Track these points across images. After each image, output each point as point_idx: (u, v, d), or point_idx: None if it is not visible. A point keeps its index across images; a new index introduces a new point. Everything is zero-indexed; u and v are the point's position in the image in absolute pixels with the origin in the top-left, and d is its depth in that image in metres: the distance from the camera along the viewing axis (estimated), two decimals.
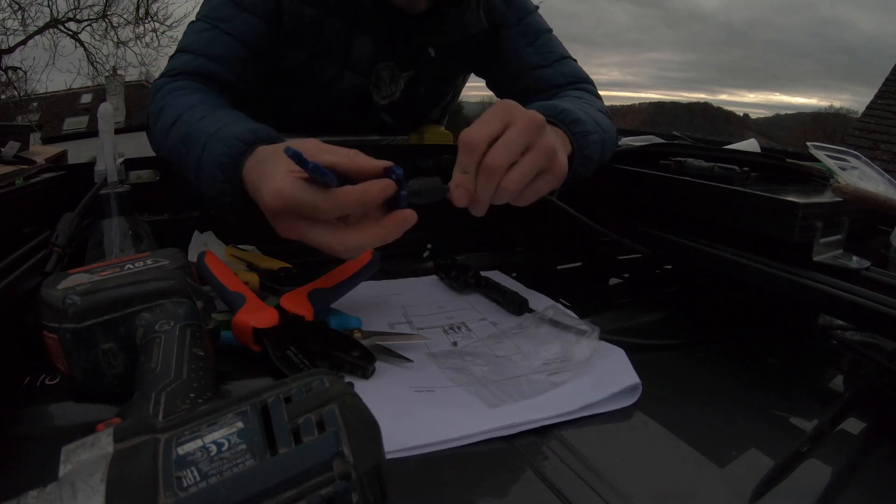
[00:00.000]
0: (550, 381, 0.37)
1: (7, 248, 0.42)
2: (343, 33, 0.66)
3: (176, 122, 0.51)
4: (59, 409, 0.34)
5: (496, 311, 0.49)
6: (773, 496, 0.28)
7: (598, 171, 0.55)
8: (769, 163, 0.54)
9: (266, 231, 0.38)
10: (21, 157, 0.59)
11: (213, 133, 0.46)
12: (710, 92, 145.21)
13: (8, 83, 8.40)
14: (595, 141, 0.51)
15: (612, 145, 0.58)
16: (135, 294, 0.33)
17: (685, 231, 0.50)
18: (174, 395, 0.27)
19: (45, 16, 8.31)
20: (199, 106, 0.52)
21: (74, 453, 0.19)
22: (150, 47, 9.18)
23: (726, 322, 0.51)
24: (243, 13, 0.62)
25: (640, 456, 0.32)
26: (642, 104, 58.19)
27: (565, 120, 0.49)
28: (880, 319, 0.36)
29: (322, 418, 0.20)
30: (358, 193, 0.34)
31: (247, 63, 0.62)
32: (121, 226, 0.46)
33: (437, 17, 0.67)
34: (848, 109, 30.04)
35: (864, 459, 0.32)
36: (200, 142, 0.46)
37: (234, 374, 0.38)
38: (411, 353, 0.40)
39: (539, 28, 0.73)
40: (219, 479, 0.18)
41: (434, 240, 0.65)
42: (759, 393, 0.39)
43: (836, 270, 0.40)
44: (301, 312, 0.40)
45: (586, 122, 0.51)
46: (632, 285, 0.63)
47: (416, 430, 0.31)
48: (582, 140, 0.49)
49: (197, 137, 0.47)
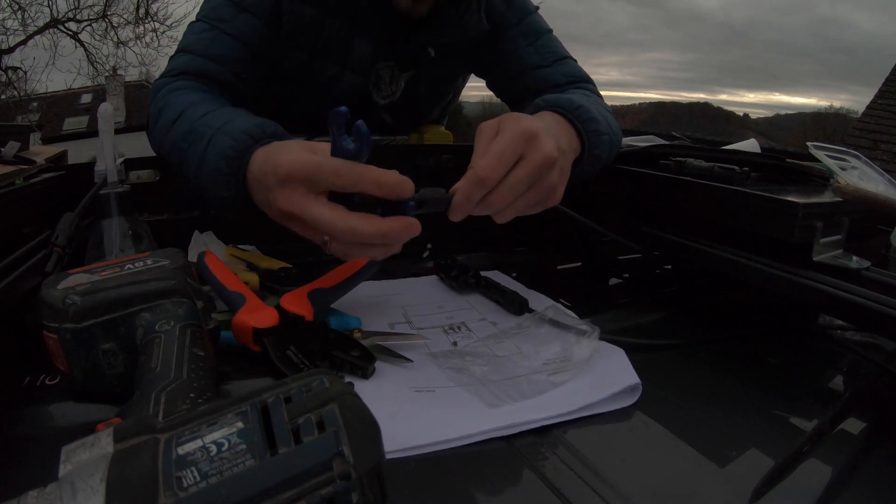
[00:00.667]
0: (550, 381, 0.37)
1: (7, 248, 0.42)
2: (343, 33, 0.66)
3: (178, 119, 0.51)
4: (59, 409, 0.34)
5: (496, 311, 0.49)
6: (773, 496, 0.28)
7: (601, 171, 0.55)
8: (769, 163, 0.54)
9: (266, 231, 0.38)
10: (21, 157, 0.59)
11: (219, 127, 0.46)
12: (709, 92, 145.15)
13: (8, 83, 8.40)
14: (605, 142, 0.51)
15: (618, 146, 0.58)
16: (135, 294, 0.33)
17: (685, 231, 0.50)
18: (174, 395, 0.27)
19: (45, 16, 8.33)
20: (201, 103, 0.53)
21: (74, 453, 0.19)
22: (150, 47, 9.20)
23: (726, 322, 0.51)
24: (243, 13, 0.62)
25: (640, 456, 0.32)
26: (642, 104, 58.21)
27: (581, 118, 0.49)
28: (880, 319, 0.36)
29: (322, 418, 0.20)
30: (377, 173, 0.35)
31: (247, 63, 0.62)
32: (121, 226, 0.46)
33: (438, 17, 0.67)
34: (848, 109, 30.07)
35: (864, 459, 0.32)
36: (206, 136, 0.46)
37: (234, 374, 0.38)
38: (411, 353, 0.40)
39: (539, 28, 0.73)
40: (219, 479, 0.18)
41: (434, 240, 0.65)
42: (759, 393, 0.39)
43: (836, 270, 0.40)
44: (301, 312, 0.40)
45: (600, 121, 0.51)
46: (632, 285, 0.63)
47: (416, 430, 0.31)
48: (595, 139, 0.49)
49: (202, 132, 0.47)
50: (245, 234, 0.57)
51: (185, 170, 0.49)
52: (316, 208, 0.36)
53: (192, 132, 0.48)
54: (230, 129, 0.45)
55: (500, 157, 0.38)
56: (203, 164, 0.45)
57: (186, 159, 0.48)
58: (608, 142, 0.52)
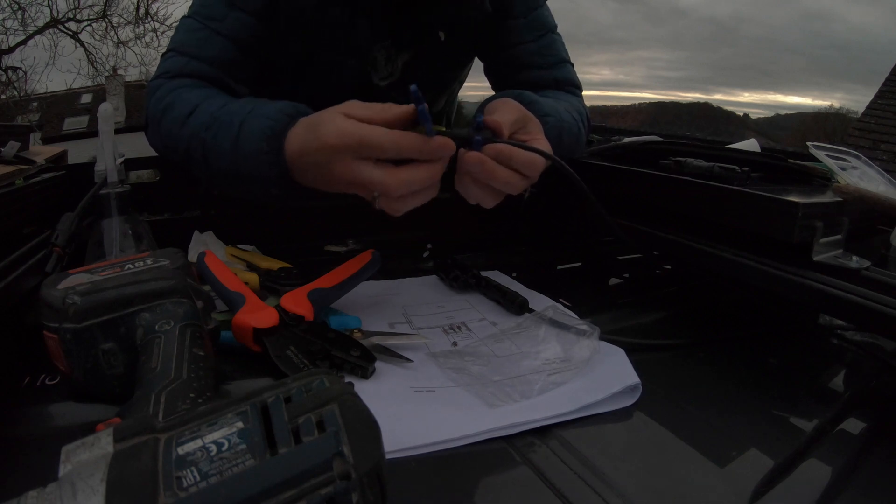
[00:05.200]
0: (550, 381, 0.37)
1: (7, 248, 0.42)
2: (343, 19, 0.66)
3: (193, 112, 0.52)
4: (59, 409, 0.34)
5: (496, 311, 0.49)
6: (773, 496, 0.28)
7: (600, 172, 0.55)
8: (769, 163, 0.54)
9: (266, 231, 0.38)
10: (21, 157, 0.59)
11: (249, 111, 0.47)
12: (704, 91, 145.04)
13: (8, 83, 8.40)
14: (551, 124, 0.53)
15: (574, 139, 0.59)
16: (135, 294, 0.33)
17: (685, 231, 0.50)
18: (174, 396, 0.27)
19: (45, 16, 8.32)
20: (215, 97, 0.53)
21: (74, 453, 0.19)
22: (150, 47, 9.19)
23: (726, 322, 0.51)
24: (234, 11, 0.60)
25: (640, 456, 0.32)
26: (642, 104, 58.24)
27: (524, 100, 0.52)
28: (880, 319, 0.36)
29: (322, 418, 0.20)
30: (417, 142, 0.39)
31: (240, 63, 0.61)
32: (121, 226, 0.46)
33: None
34: (848, 109, 30.14)
35: (864, 459, 0.32)
36: (235, 123, 0.47)
37: (234, 374, 0.38)
38: (411, 353, 0.40)
39: (546, 24, 0.72)
40: (219, 479, 0.18)
41: (434, 240, 0.65)
42: (760, 393, 0.39)
43: (836, 270, 0.40)
44: (301, 312, 0.40)
45: (543, 103, 0.53)
46: (632, 285, 0.63)
47: (416, 430, 0.31)
48: None
49: (228, 120, 0.48)
50: (245, 234, 0.57)
51: (210, 160, 0.49)
52: (367, 171, 0.40)
53: (216, 121, 0.49)
54: (264, 112, 0.46)
55: None
56: (239, 149, 0.46)
57: (212, 149, 0.49)
58: (554, 125, 0.54)
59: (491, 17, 0.69)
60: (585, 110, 0.66)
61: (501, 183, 0.42)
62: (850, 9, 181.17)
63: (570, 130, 0.58)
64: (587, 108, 0.68)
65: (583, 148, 0.65)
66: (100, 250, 0.45)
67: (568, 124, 0.58)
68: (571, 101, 0.65)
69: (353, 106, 0.42)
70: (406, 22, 0.68)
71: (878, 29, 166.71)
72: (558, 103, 0.59)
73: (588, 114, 0.67)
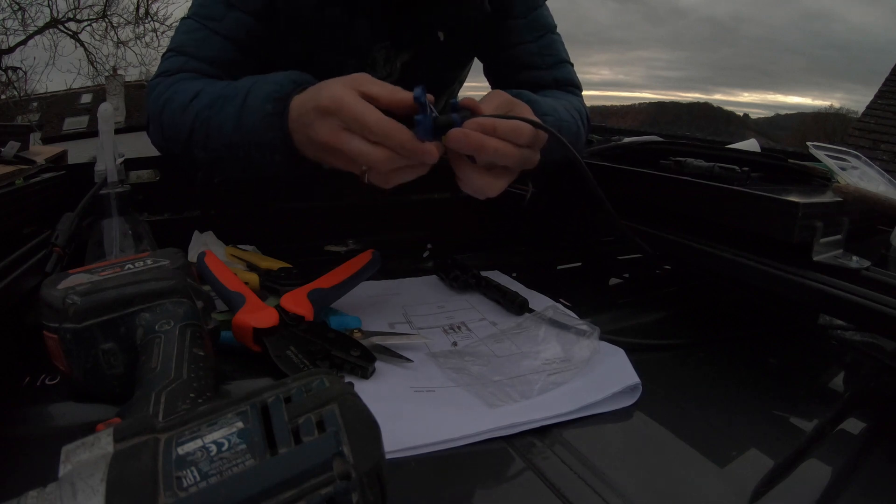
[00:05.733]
0: (550, 381, 0.37)
1: (7, 248, 0.42)
2: (343, 19, 0.66)
3: (197, 96, 0.52)
4: (59, 409, 0.34)
5: (496, 311, 0.49)
6: (773, 496, 0.28)
7: (600, 172, 0.55)
8: (769, 163, 0.54)
9: (266, 231, 0.39)
10: (21, 157, 0.59)
11: (255, 80, 0.48)
12: (704, 91, 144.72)
13: (8, 83, 8.40)
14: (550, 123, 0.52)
15: (573, 138, 0.59)
16: (135, 294, 0.33)
17: (685, 231, 0.50)
18: (174, 396, 0.27)
19: (45, 16, 8.32)
20: (217, 82, 0.54)
21: (74, 453, 0.19)
22: (150, 47, 9.19)
23: (726, 322, 0.51)
24: (233, 11, 0.61)
25: (640, 456, 0.32)
26: (642, 104, 58.26)
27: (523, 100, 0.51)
28: (880, 319, 0.36)
29: (322, 418, 0.20)
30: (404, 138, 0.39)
31: (240, 62, 0.62)
32: (121, 226, 0.46)
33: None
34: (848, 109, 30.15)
35: (864, 459, 0.32)
36: (240, 94, 0.48)
37: (234, 374, 0.38)
38: (411, 353, 0.40)
39: (546, 24, 0.73)
40: (219, 479, 0.18)
41: (434, 240, 0.65)
42: (760, 393, 0.39)
43: (836, 270, 0.40)
44: (301, 312, 0.40)
45: (542, 103, 0.54)
46: (632, 285, 0.63)
47: (416, 430, 0.31)
48: None
49: (233, 94, 0.49)
50: (245, 234, 0.57)
51: (213, 136, 0.50)
52: (352, 141, 0.40)
53: (221, 97, 0.50)
54: (270, 79, 0.47)
55: None
56: (244, 115, 0.47)
57: (216, 124, 0.49)
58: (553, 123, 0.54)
59: (491, 17, 0.69)
60: (585, 110, 0.67)
61: (492, 152, 0.41)
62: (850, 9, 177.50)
63: (570, 130, 0.58)
64: (587, 108, 0.68)
65: (583, 148, 0.65)
66: (100, 250, 0.45)
67: (567, 124, 0.58)
68: (571, 101, 0.65)
69: (364, 78, 0.42)
70: (405, 22, 0.68)
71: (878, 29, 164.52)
72: (557, 103, 0.59)
73: (588, 114, 0.67)
